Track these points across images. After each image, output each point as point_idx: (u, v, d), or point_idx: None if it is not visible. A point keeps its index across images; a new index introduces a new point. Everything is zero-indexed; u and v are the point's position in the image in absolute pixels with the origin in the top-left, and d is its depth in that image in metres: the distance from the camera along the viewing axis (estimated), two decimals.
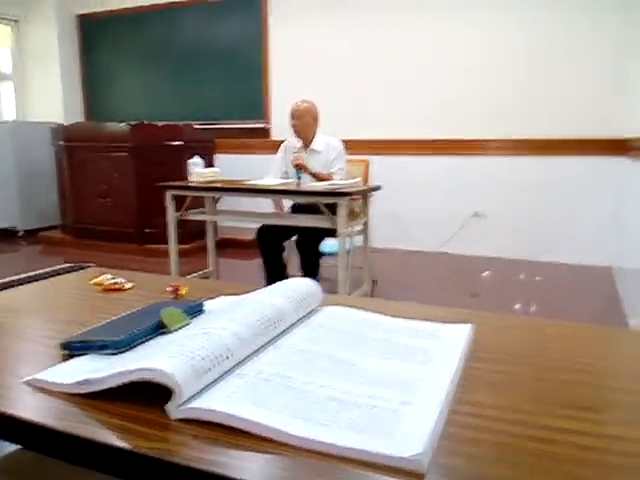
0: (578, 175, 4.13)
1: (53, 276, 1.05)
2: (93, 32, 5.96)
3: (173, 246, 3.29)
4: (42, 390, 0.58)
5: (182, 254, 3.42)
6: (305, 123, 3.28)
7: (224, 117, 5.39)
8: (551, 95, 4.15)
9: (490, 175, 4.41)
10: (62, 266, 1.09)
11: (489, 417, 0.53)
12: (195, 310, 0.75)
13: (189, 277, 3.13)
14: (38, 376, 0.59)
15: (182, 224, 3.35)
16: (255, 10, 5.09)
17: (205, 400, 0.52)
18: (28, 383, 0.59)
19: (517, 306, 3.25)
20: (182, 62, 5.53)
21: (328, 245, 3.34)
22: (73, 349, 0.64)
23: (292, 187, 3.09)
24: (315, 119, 3.34)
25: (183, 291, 0.89)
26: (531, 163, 4.26)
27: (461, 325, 0.75)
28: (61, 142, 4.98)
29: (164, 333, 0.68)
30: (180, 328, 0.69)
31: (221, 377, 0.56)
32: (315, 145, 3.33)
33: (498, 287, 3.70)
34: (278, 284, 0.80)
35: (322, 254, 3.30)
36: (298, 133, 3.31)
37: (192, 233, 4.24)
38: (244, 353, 0.60)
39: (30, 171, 5.32)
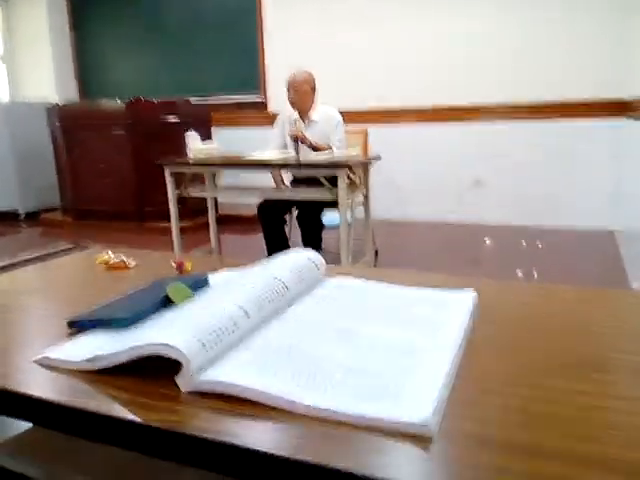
0: (578, 139, 4.09)
1: (56, 256, 1.06)
2: (83, 7, 5.84)
3: (175, 223, 3.29)
4: (52, 368, 0.59)
5: (183, 231, 3.42)
6: (303, 93, 3.23)
7: (220, 91, 5.32)
8: (550, 59, 4.07)
9: (490, 142, 4.36)
10: (66, 246, 1.10)
11: (495, 381, 0.54)
12: (200, 284, 0.75)
13: (192, 252, 3.14)
14: (47, 354, 0.60)
15: (183, 201, 3.34)
16: None
17: (213, 372, 0.52)
18: (37, 362, 0.60)
19: (520, 273, 3.26)
20: (177, 35, 5.43)
21: (329, 217, 3.33)
22: (80, 326, 0.64)
23: (291, 160, 3.07)
24: (313, 89, 3.29)
25: (188, 266, 0.89)
26: (531, 128, 4.21)
27: (464, 292, 0.75)
28: (57, 122, 4.93)
29: (171, 308, 0.68)
30: (186, 302, 0.69)
31: (228, 349, 0.57)
32: (313, 116, 3.28)
33: (500, 254, 3.70)
34: (281, 256, 0.80)
35: (323, 226, 3.30)
36: (295, 104, 3.25)
37: (193, 210, 4.23)
38: (249, 325, 0.61)
39: (27, 152, 5.28)
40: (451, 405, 0.49)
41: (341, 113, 3.30)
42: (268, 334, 0.61)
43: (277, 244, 3.21)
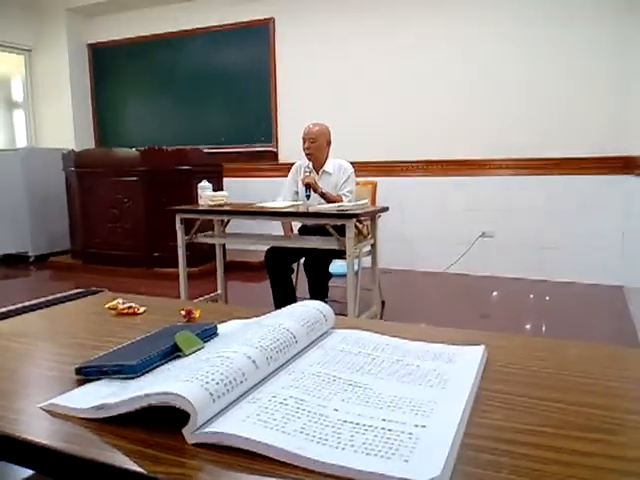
0: (586, 194, 4.13)
1: (66, 301, 1.06)
2: (103, 60, 6.10)
3: (182, 269, 3.30)
4: (58, 415, 0.58)
5: (191, 277, 3.44)
6: (318, 146, 3.30)
7: (232, 141, 5.46)
8: (556, 115, 4.17)
9: (497, 195, 4.41)
10: (75, 291, 1.11)
11: (505, 440, 0.53)
12: (209, 333, 0.76)
13: (198, 300, 3.14)
14: (54, 401, 0.60)
15: (191, 247, 3.37)
16: (262, 36, 5.19)
17: (221, 424, 0.52)
18: (44, 408, 0.60)
19: (528, 326, 3.22)
20: (190, 88, 5.62)
21: (336, 266, 3.34)
22: (88, 374, 0.64)
23: (300, 209, 3.11)
24: (328, 142, 3.36)
25: (197, 314, 0.89)
26: (538, 182, 4.26)
27: (473, 346, 0.75)
28: (72, 168, 5.05)
29: (179, 357, 0.68)
30: (194, 352, 0.69)
31: (236, 401, 0.56)
32: (327, 167, 3.35)
33: (508, 307, 3.67)
34: (290, 307, 0.80)
35: (331, 275, 3.30)
36: (310, 156, 3.32)
37: (201, 256, 4.26)
38: (258, 377, 0.60)
39: (41, 197, 5.39)
40: (461, 464, 0.48)
41: (352, 163, 3.37)
42: (276, 386, 0.60)
43: (284, 292, 3.20)
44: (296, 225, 3.58)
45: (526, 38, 4.21)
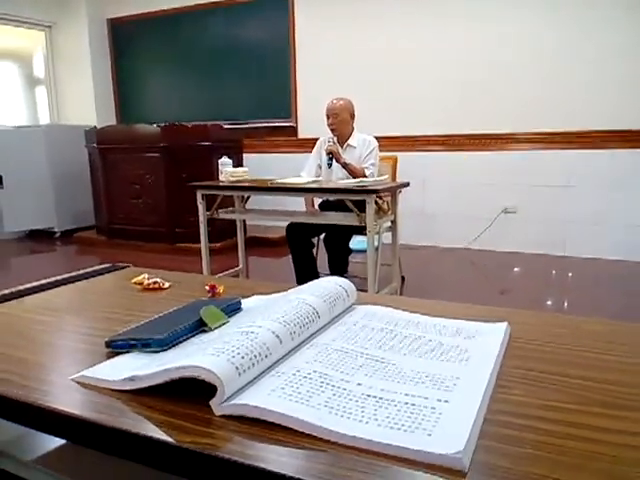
0: (610, 168, 4.03)
1: (93, 276, 1.09)
2: (124, 36, 6.08)
3: (204, 245, 3.34)
4: (88, 387, 0.60)
5: (212, 252, 3.47)
6: (342, 120, 3.28)
7: (252, 117, 5.44)
8: (581, 86, 4.05)
9: (520, 170, 4.33)
10: (102, 266, 1.13)
11: (528, 416, 0.53)
12: (233, 308, 0.77)
13: (220, 275, 3.18)
14: (85, 373, 0.61)
15: (212, 223, 3.40)
16: (282, 9, 5.11)
17: (246, 397, 0.53)
18: (75, 380, 0.62)
19: (550, 303, 3.19)
20: (210, 63, 5.59)
21: (357, 242, 3.34)
22: (117, 347, 0.66)
23: (320, 185, 3.10)
24: (352, 115, 3.33)
25: (220, 289, 0.90)
26: (561, 157, 4.17)
27: (496, 323, 0.75)
28: (94, 144, 5.10)
29: (204, 331, 0.70)
30: (219, 326, 0.71)
31: (260, 375, 0.58)
32: (351, 141, 3.33)
33: (530, 284, 3.64)
34: (313, 283, 0.81)
35: (351, 251, 3.30)
36: (335, 131, 3.30)
37: (222, 232, 4.29)
38: (282, 351, 0.62)
39: (65, 173, 5.46)
40: (484, 439, 0.48)
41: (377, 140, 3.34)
42: (299, 360, 0.61)
43: (305, 266, 3.22)
44: (317, 200, 3.58)
45: (552, 6, 4.07)
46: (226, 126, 5.14)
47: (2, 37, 5.82)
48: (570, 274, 3.78)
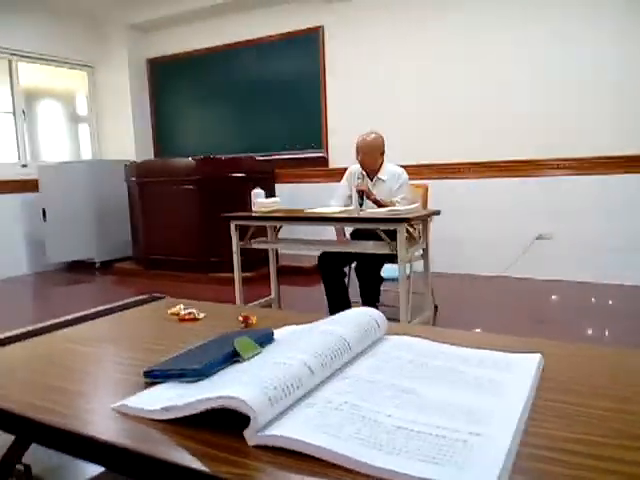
0: None
1: (131, 307, 1.13)
2: (161, 74, 6.35)
3: (237, 274, 3.39)
4: (127, 416, 0.62)
5: (245, 282, 3.52)
6: (372, 158, 3.29)
7: (284, 148, 5.55)
8: (615, 111, 3.99)
9: (553, 196, 4.26)
10: (139, 297, 1.17)
11: (562, 450, 0.52)
12: (266, 339, 0.79)
13: (253, 304, 3.21)
14: (125, 402, 0.64)
15: (245, 252, 3.45)
16: (313, 42, 5.26)
17: (279, 428, 0.54)
18: (116, 409, 0.64)
19: (586, 333, 3.09)
20: (243, 97, 5.77)
21: (388, 270, 3.33)
22: (155, 377, 0.68)
23: (350, 214, 3.12)
24: (382, 153, 3.34)
25: (253, 320, 0.92)
26: (596, 182, 4.08)
27: (530, 354, 0.74)
28: (133, 178, 5.28)
29: (237, 361, 0.71)
30: (252, 357, 0.72)
31: (292, 405, 0.59)
32: (381, 174, 3.34)
33: (565, 312, 3.54)
34: (344, 313, 0.82)
35: (382, 280, 3.29)
36: (364, 166, 3.32)
37: (254, 261, 4.35)
38: (313, 382, 0.63)
39: (105, 206, 5.66)
40: (516, 473, 0.48)
41: (403, 166, 3.35)
42: (330, 392, 0.62)
43: (337, 295, 3.22)
44: (348, 229, 3.59)
45: (591, 39, 4.06)
46: (259, 158, 5.25)
47: (48, 77, 6.15)
48: (609, 302, 3.66)
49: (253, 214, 3.35)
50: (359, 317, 0.79)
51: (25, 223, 5.60)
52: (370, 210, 3.12)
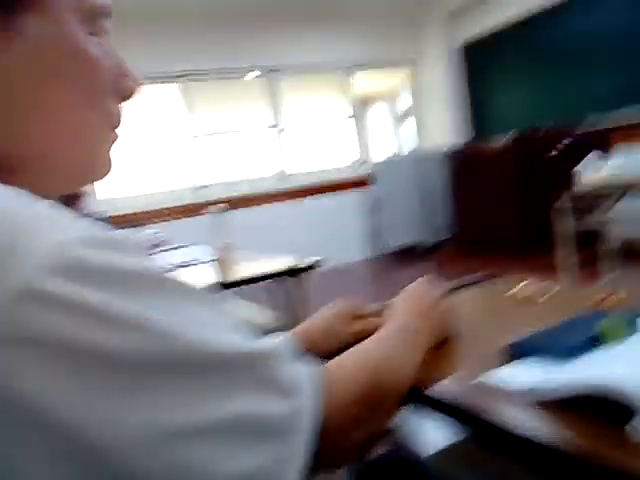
0: None
1: (470, 285, 1.14)
2: (476, 57, 6.27)
3: (564, 256, 3.11)
4: (485, 390, 0.63)
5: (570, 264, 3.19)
6: None
7: (619, 105, 4.79)
8: None
9: None
10: (477, 275, 1.18)
11: None
12: (634, 324, 0.68)
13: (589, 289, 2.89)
14: (489, 377, 0.64)
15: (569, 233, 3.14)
16: None
17: None
18: (476, 383, 0.65)
19: None
20: (562, 60, 5.23)
21: None
22: (518, 352, 0.67)
23: None
24: None
25: (612, 301, 0.82)
26: None
27: None
28: (451, 163, 5.44)
29: (599, 345, 0.64)
30: (621, 340, 0.64)
31: None
32: None
33: None
34: None
35: None
36: None
37: (578, 242, 3.92)
38: None
39: (428, 191, 6.02)
40: None
41: None
42: None
43: None
44: None
45: None
46: (589, 121, 4.66)
47: (373, 81, 6.82)
48: None
49: (578, 193, 3.02)
50: None
51: (362, 215, 6.37)
52: None
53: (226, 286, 1.89)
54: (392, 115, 7.07)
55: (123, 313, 0.32)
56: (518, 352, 0.66)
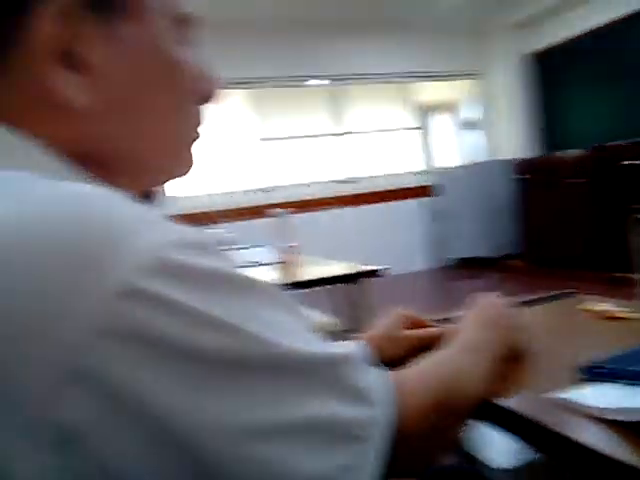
0: None
1: (541, 302, 1.11)
2: (548, 68, 6.06)
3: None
4: (560, 408, 0.62)
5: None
6: None
7: None
8: None
9: None
10: (550, 293, 1.15)
11: None
12: None
13: None
14: (561, 394, 0.63)
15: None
16: None
17: None
18: (548, 399, 0.64)
19: None
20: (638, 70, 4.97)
21: None
22: (594, 374, 0.65)
23: None
24: None
25: None
26: None
27: None
28: (519, 174, 5.27)
29: None
30: None
31: None
32: None
33: None
34: None
35: None
36: None
37: None
38: None
39: (494, 203, 5.83)
40: None
41: None
42: None
43: None
44: None
45: None
46: None
47: (435, 90, 6.72)
48: None
49: None
50: None
51: (425, 224, 6.28)
52: None
53: (289, 288, 1.93)
54: (457, 125, 6.95)
55: (218, 314, 0.34)
56: (593, 373, 0.64)
